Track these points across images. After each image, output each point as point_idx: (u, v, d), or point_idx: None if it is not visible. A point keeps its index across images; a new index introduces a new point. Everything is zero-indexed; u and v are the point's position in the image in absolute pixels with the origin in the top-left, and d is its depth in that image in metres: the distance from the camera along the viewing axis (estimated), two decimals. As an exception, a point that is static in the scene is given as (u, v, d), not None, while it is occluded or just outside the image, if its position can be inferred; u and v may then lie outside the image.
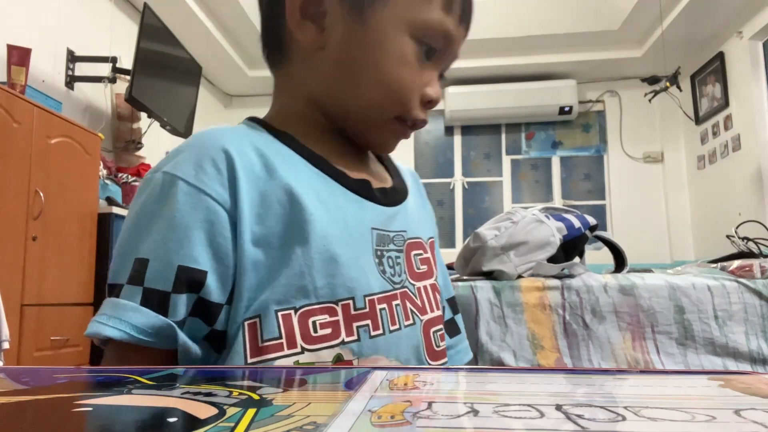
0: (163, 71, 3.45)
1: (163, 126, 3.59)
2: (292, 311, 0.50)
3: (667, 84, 3.91)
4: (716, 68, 4.38)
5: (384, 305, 0.56)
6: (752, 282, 1.52)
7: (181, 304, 0.48)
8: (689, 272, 1.69)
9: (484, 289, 1.52)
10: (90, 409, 0.24)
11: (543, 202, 5.24)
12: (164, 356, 0.49)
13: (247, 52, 4.72)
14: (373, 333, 0.54)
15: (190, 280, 0.48)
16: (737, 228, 2.14)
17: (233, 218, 0.50)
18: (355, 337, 0.52)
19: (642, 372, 0.34)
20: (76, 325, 2.50)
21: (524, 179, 5.42)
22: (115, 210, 2.75)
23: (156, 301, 0.48)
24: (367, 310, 0.54)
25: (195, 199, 0.50)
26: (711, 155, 4.55)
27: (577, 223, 1.62)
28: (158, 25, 3.35)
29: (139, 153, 3.59)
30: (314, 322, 0.51)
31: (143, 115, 3.47)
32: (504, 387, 0.29)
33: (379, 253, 0.57)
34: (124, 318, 0.47)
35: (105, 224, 2.68)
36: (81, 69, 3.20)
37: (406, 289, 0.59)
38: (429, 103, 0.59)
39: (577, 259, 1.74)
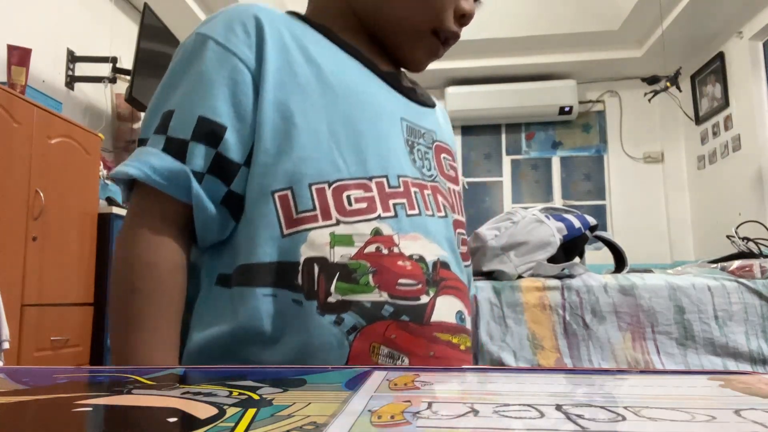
0: (163, 71, 3.43)
1: (163, 126, 3.59)
2: (325, 185, 0.52)
3: (668, 84, 3.91)
4: (716, 68, 4.38)
5: (417, 190, 0.57)
6: (752, 282, 1.52)
7: (199, 154, 0.51)
8: (689, 272, 1.69)
9: (484, 289, 1.52)
10: (90, 409, 0.24)
11: (543, 202, 5.24)
12: (182, 211, 0.51)
13: (247, 52, 4.71)
14: (409, 211, 0.55)
15: (209, 132, 0.51)
16: (737, 228, 2.14)
17: (256, 80, 0.53)
18: (392, 213, 0.54)
19: (642, 372, 0.34)
20: (76, 325, 2.49)
21: (524, 179, 5.42)
22: (115, 210, 2.74)
23: (175, 148, 0.51)
24: (402, 189, 0.55)
25: (222, 57, 0.53)
26: (711, 155, 4.55)
27: (577, 223, 1.62)
28: (158, 25, 3.35)
29: (139, 153, 3.59)
30: (348, 196, 0.52)
31: (143, 115, 3.46)
32: (504, 387, 0.29)
33: (410, 143, 0.59)
34: (145, 160, 0.50)
35: (105, 224, 2.68)
36: (81, 69, 3.19)
37: (438, 184, 0.61)
38: (463, 17, 0.61)
39: (577, 259, 1.74)
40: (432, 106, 0.67)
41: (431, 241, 0.56)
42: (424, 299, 0.53)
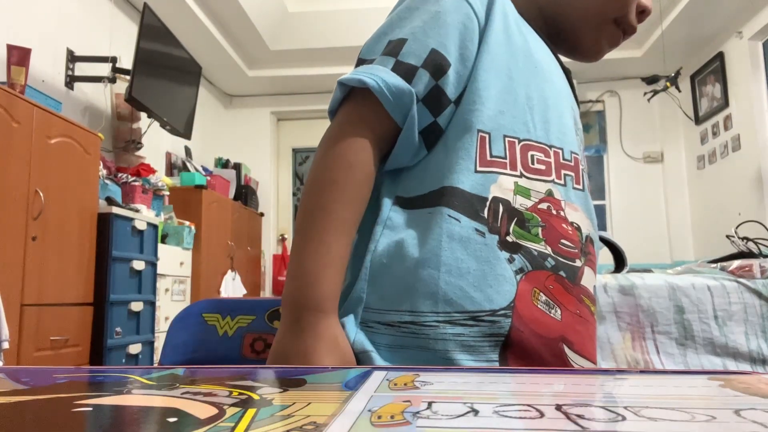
0: (163, 71, 3.45)
1: (163, 126, 3.59)
2: (516, 140, 0.59)
3: (667, 84, 3.91)
4: (716, 68, 4.38)
5: (583, 167, 0.64)
6: (752, 282, 1.52)
7: (423, 80, 0.56)
8: (689, 272, 1.69)
9: (484, 289, 1.52)
10: (90, 409, 0.24)
11: (543, 202, 5.23)
12: (390, 131, 0.56)
13: (247, 52, 4.71)
14: (575, 185, 0.62)
15: (437, 64, 0.57)
16: (737, 228, 2.14)
17: (482, 33, 0.59)
18: (562, 182, 0.61)
19: (642, 372, 0.34)
20: (76, 325, 2.49)
21: (524, 179, 5.41)
22: (115, 210, 2.74)
23: (405, 70, 0.56)
24: (572, 163, 0.62)
25: (458, 4, 0.59)
26: (711, 155, 4.54)
27: (577, 223, 1.62)
28: (158, 25, 3.35)
29: (139, 153, 3.58)
30: (532, 156, 0.59)
31: (143, 115, 3.46)
32: (504, 387, 0.29)
33: (576, 126, 0.67)
34: (377, 74, 0.55)
35: (105, 224, 2.68)
36: (81, 69, 3.19)
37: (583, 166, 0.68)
38: (642, 13, 0.68)
39: (577, 259, 1.74)
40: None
41: (586, 216, 0.62)
42: (578, 263, 0.60)
